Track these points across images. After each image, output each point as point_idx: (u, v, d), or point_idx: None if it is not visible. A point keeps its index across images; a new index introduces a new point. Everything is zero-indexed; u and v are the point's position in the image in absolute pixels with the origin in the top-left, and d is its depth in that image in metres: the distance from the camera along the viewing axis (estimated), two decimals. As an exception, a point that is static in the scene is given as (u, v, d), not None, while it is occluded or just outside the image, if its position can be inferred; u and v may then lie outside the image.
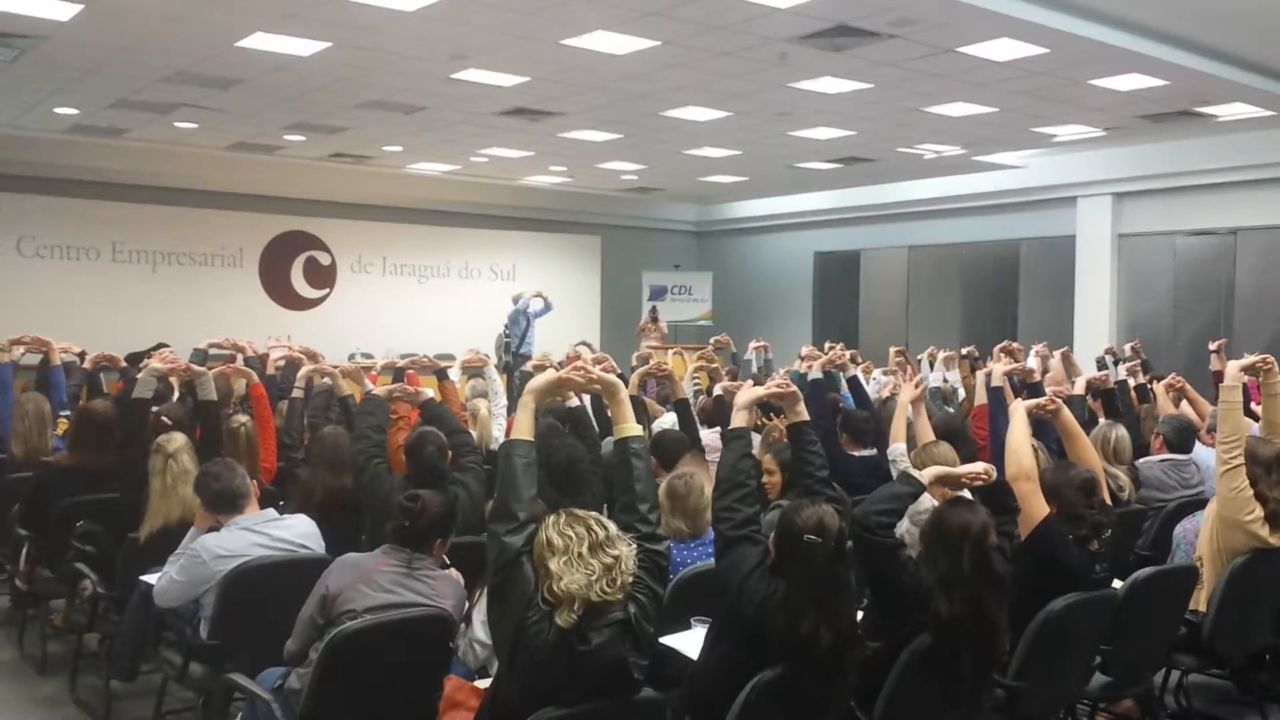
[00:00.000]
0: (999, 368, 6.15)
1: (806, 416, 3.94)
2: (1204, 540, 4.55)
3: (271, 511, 4.29)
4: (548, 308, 13.86)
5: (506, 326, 13.81)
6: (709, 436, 6.48)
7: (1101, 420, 6.00)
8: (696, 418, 6.92)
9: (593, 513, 2.87)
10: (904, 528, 3.83)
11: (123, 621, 4.55)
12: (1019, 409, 4.30)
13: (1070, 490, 3.92)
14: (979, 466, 3.71)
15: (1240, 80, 9.38)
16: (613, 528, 2.82)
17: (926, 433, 5.35)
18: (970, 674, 3.29)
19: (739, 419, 3.71)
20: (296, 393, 5.85)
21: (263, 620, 3.89)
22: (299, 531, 4.24)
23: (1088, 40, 8.00)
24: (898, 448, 5.10)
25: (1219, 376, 7.54)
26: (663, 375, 6.73)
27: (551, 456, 4.92)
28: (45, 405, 5.99)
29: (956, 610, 3.23)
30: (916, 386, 5.77)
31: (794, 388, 4.05)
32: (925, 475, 3.62)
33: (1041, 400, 4.60)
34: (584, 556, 2.72)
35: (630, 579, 2.77)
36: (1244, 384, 4.69)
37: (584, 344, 9.38)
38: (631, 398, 5.89)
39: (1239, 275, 12.97)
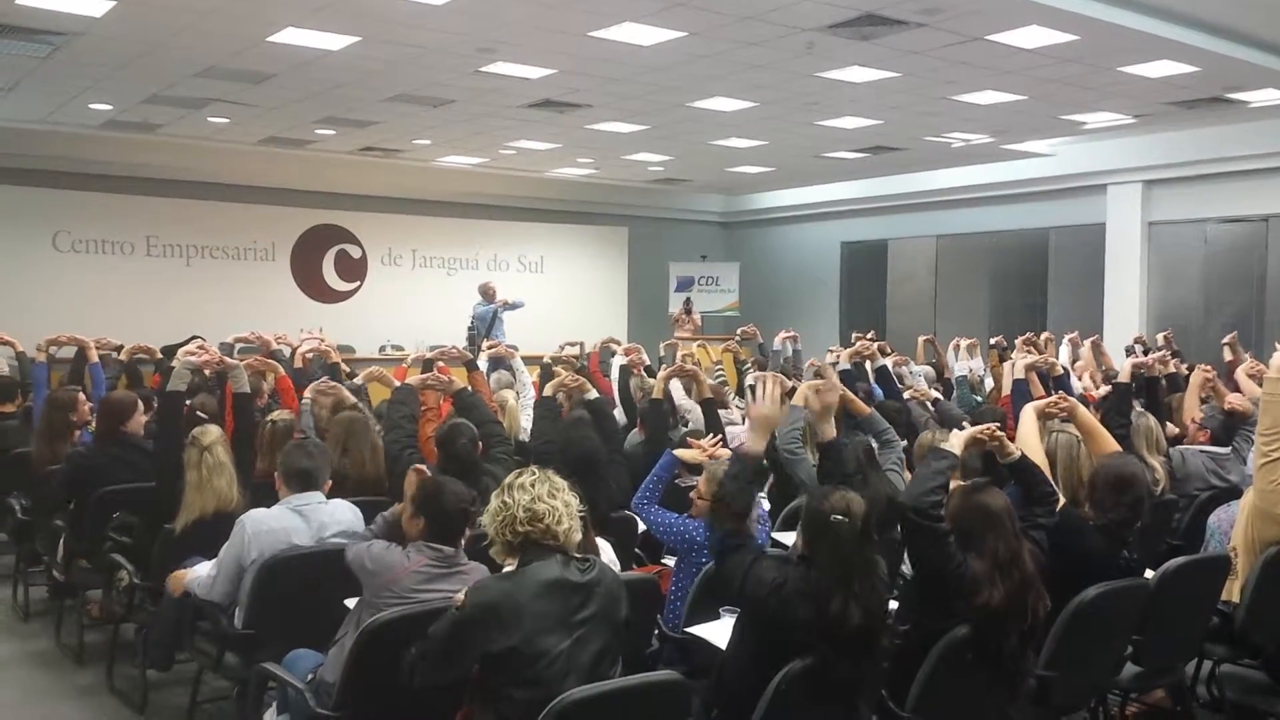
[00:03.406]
0: (1022, 361, 6.10)
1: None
2: (1239, 531, 4.51)
3: (320, 495, 4.33)
4: (517, 304, 13.78)
5: (473, 321, 13.75)
6: (740, 430, 6.47)
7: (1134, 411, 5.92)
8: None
9: (537, 471, 3.19)
10: None
11: (159, 611, 4.60)
12: (1028, 410, 4.27)
13: (1102, 481, 3.91)
14: (993, 427, 3.80)
15: (1272, 66, 9.29)
16: (525, 479, 3.14)
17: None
18: (1013, 656, 3.29)
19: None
20: (305, 399, 5.85)
21: (297, 610, 3.95)
22: (340, 518, 4.29)
23: (1117, 27, 7.95)
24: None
25: (1232, 368, 7.48)
26: (688, 375, 6.65)
27: (571, 449, 4.95)
28: (73, 411, 6.03)
29: (1008, 592, 3.23)
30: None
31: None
32: (953, 443, 3.70)
33: (1052, 399, 4.53)
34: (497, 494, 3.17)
35: (529, 527, 3.07)
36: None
37: (570, 344, 9.34)
38: (655, 400, 5.93)
39: (1271, 263, 12.84)
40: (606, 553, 3.99)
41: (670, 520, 4.31)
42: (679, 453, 4.64)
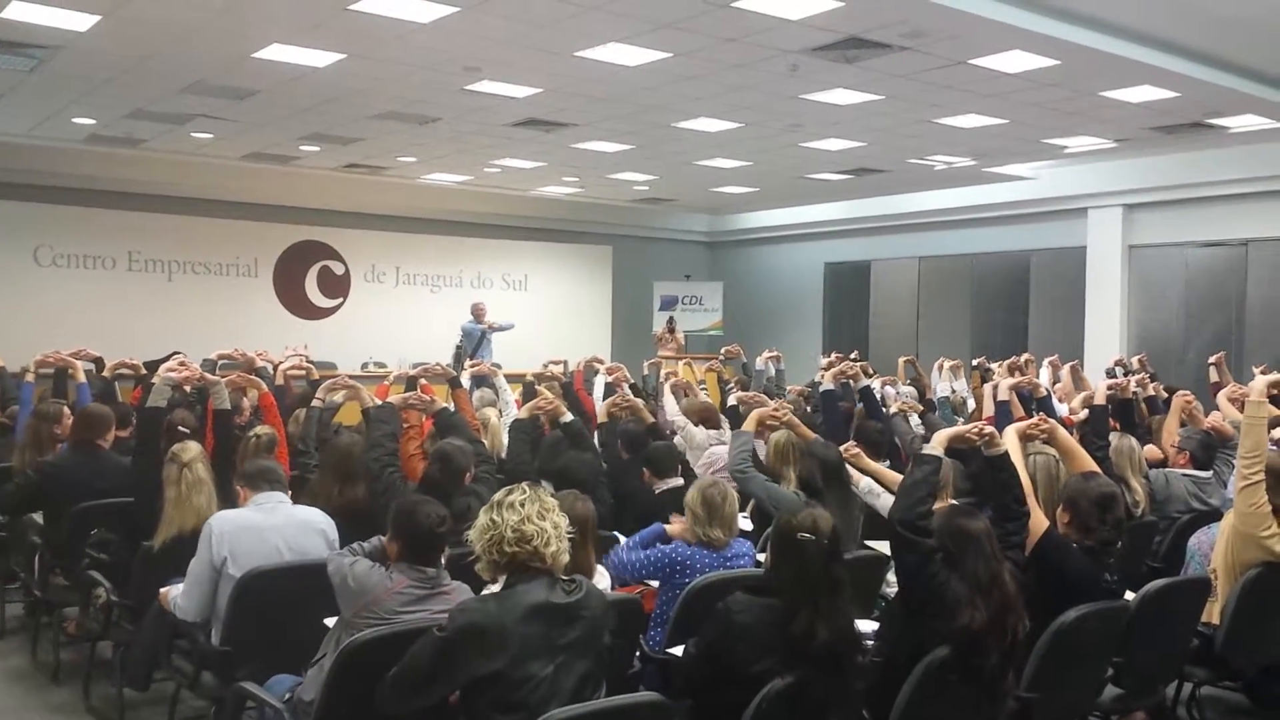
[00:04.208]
0: (1005, 382, 6.12)
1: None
2: (1219, 553, 4.53)
3: (283, 495, 4.38)
4: (506, 326, 13.83)
5: (461, 338, 13.77)
6: (723, 450, 6.47)
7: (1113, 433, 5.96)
8: (691, 423, 6.90)
9: (528, 490, 3.16)
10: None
11: (140, 630, 4.55)
12: (1010, 432, 4.28)
13: (1085, 501, 3.89)
14: (982, 423, 3.91)
15: (1251, 92, 9.37)
16: (514, 497, 3.10)
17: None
18: (994, 678, 3.29)
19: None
20: (316, 401, 5.89)
21: (274, 627, 3.92)
22: (312, 519, 4.33)
23: (1099, 52, 8.01)
24: (867, 483, 5.10)
25: (1217, 389, 7.54)
26: (627, 406, 6.50)
27: (553, 464, 4.99)
28: (56, 424, 6.00)
29: (988, 614, 3.22)
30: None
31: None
32: (935, 445, 3.75)
33: (1033, 421, 4.54)
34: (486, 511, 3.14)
35: (516, 548, 3.02)
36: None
37: (554, 363, 9.39)
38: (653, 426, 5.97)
39: (1250, 287, 12.94)
40: (603, 580, 3.97)
41: (642, 558, 4.25)
42: (670, 530, 4.54)
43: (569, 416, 5.73)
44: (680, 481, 5.38)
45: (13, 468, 5.90)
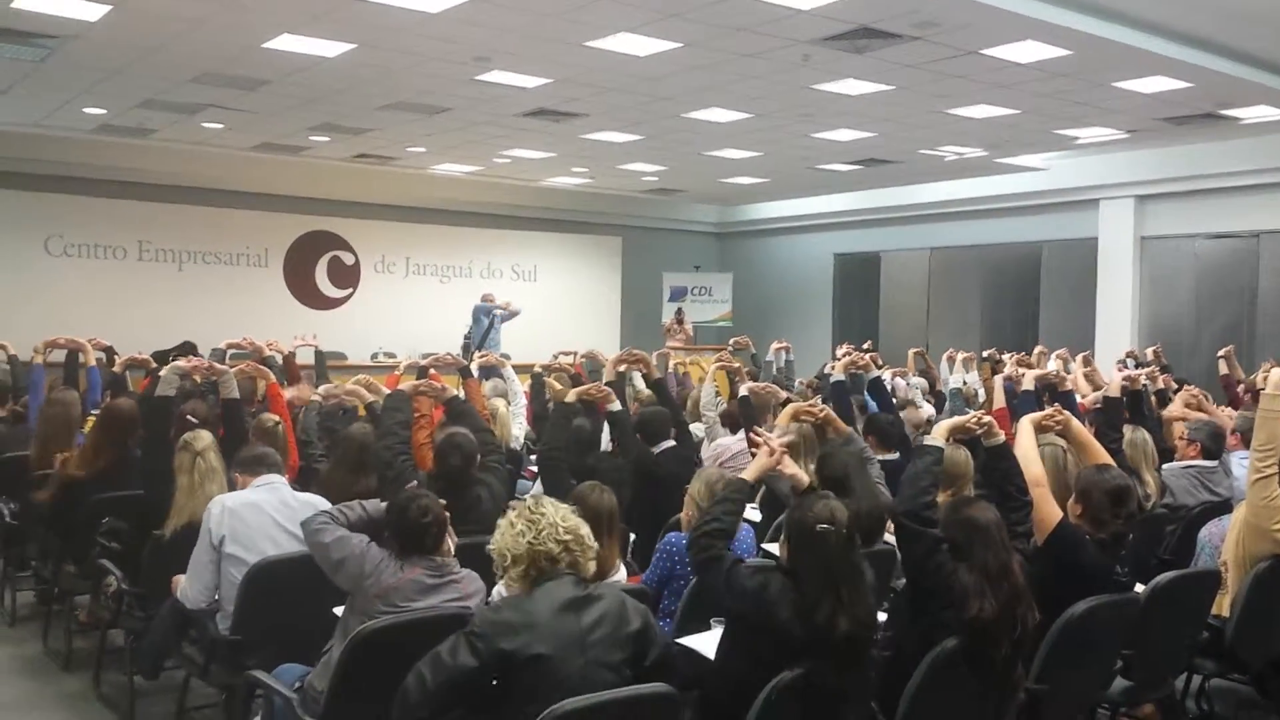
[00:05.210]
0: (1031, 373, 6.12)
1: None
2: (1229, 546, 4.52)
3: (280, 478, 4.46)
4: (514, 313, 13.83)
5: (471, 324, 13.78)
6: (731, 441, 6.47)
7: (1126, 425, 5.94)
8: (719, 421, 6.91)
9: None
10: None
11: (155, 621, 4.56)
12: (1025, 422, 4.27)
13: (1098, 494, 3.86)
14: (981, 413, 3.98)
15: (1264, 82, 9.33)
16: (545, 503, 3.19)
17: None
18: (1003, 669, 3.29)
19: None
20: (315, 398, 5.91)
21: (284, 616, 3.94)
22: (309, 499, 4.37)
23: (1111, 42, 7.98)
24: None
25: (1227, 381, 7.50)
26: (636, 360, 6.92)
27: (581, 461, 5.04)
28: (73, 411, 6.00)
29: (997, 605, 3.21)
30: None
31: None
32: (936, 435, 3.79)
33: (1048, 412, 4.53)
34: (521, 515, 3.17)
35: (569, 535, 3.11)
36: None
37: (564, 354, 9.38)
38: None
39: (1261, 278, 12.91)
40: (621, 573, 3.97)
41: (650, 571, 4.26)
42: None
43: (617, 405, 5.76)
44: (673, 443, 5.86)
45: (30, 459, 5.90)
